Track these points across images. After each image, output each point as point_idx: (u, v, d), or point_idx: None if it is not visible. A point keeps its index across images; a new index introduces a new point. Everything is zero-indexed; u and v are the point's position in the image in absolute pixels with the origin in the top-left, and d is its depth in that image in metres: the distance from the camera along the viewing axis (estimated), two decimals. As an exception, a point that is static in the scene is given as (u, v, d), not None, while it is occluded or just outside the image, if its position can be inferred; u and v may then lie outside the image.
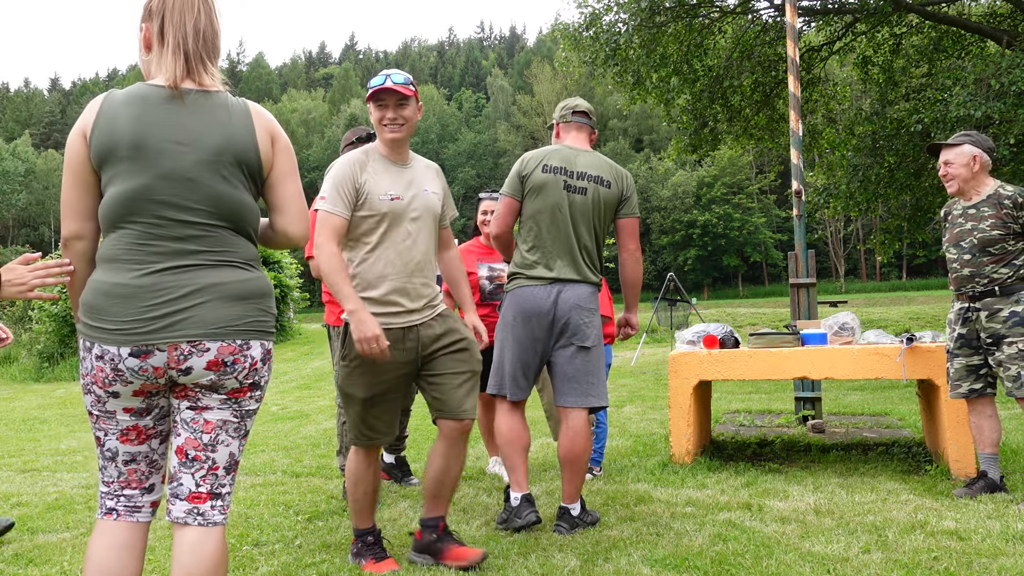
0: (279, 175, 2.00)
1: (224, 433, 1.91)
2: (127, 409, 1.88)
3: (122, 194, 1.84)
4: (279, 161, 1.99)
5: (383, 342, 2.77)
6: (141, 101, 1.86)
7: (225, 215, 1.90)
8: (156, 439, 1.95)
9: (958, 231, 3.87)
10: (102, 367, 1.83)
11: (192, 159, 1.86)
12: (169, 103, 1.88)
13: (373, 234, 2.93)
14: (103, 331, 1.82)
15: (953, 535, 3.14)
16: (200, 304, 1.83)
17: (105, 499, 1.95)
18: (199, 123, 1.88)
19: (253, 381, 1.92)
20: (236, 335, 1.86)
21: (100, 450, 1.94)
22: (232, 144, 1.90)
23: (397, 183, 2.96)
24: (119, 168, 1.84)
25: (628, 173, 3.61)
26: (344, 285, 2.80)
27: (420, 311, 2.97)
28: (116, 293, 1.82)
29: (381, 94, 2.95)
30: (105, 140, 1.84)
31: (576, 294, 3.41)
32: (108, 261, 1.86)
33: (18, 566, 3.19)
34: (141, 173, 1.84)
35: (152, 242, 1.84)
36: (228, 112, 1.92)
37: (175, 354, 1.82)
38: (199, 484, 1.89)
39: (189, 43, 1.90)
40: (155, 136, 1.84)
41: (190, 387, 1.88)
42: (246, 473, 5.07)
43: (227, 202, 1.90)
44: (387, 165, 2.98)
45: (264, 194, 2.02)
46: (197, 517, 1.89)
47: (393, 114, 2.94)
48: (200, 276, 1.85)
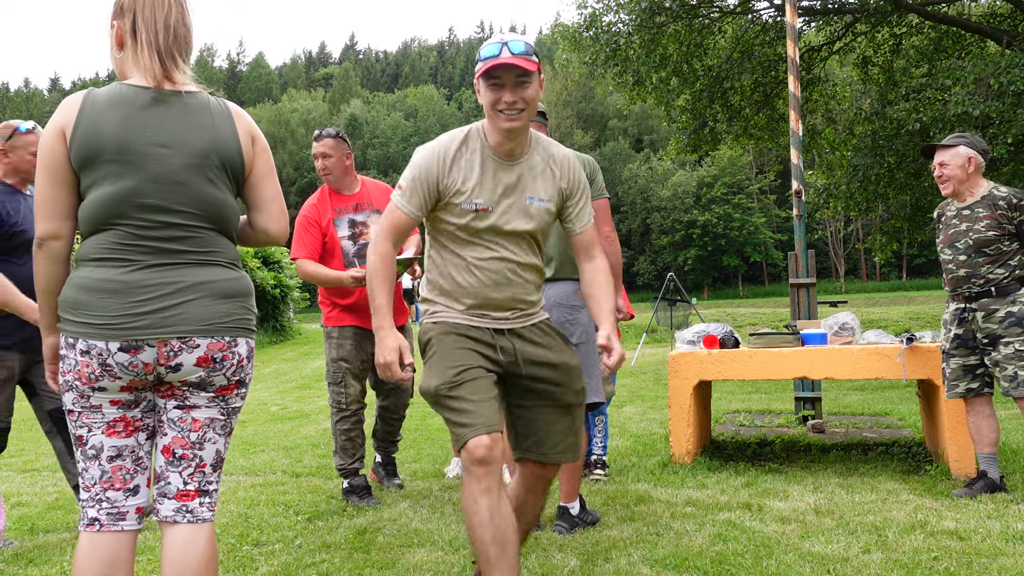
0: (259, 175, 2.02)
1: (211, 431, 1.93)
2: (114, 402, 1.86)
3: (107, 197, 1.83)
4: (259, 162, 2.01)
5: (396, 371, 2.38)
6: (124, 103, 1.85)
7: (210, 216, 1.91)
8: (143, 432, 1.92)
9: (953, 232, 3.87)
10: (88, 362, 1.81)
11: (178, 162, 1.86)
12: (153, 105, 1.87)
13: (454, 243, 2.38)
14: (89, 326, 1.80)
15: (953, 535, 3.14)
16: (190, 301, 1.84)
17: (87, 508, 1.89)
18: (184, 126, 1.88)
19: (239, 378, 1.94)
20: (225, 332, 1.88)
21: (82, 450, 1.89)
22: (217, 147, 1.91)
23: (492, 187, 2.34)
24: (104, 171, 1.83)
25: (590, 158, 3.45)
26: (379, 294, 2.37)
27: (510, 320, 2.43)
28: (103, 288, 1.81)
29: (496, 71, 2.25)
30: (89, 142, 1.82)
31: (556, 292, 3.38)
32: (92, 260, 1.85)
33: (18, 566, 3.19)
34: (127, 176, 1.83)
35: (138, 242, 1.84)
36: (211, 114, 1.93)
37: (165, 350, 1.82)
38: (187, 482, 1.90)
39: (160, 40, 1.88)
40: (141, 139, 1.84)
41: (177, 386, 1.88)
42: (246, 473, 5.07)
43: (212, 204, 1.91)
44: (488, 160, 2.35)
45: (244, 194, 2.03)
46: (186, 515, 1.90)
47: (512, 96, 2.24)
48: (188, 274, 1.86)
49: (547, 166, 2.43)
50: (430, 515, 3.73)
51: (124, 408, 1.88)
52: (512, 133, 2.29)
